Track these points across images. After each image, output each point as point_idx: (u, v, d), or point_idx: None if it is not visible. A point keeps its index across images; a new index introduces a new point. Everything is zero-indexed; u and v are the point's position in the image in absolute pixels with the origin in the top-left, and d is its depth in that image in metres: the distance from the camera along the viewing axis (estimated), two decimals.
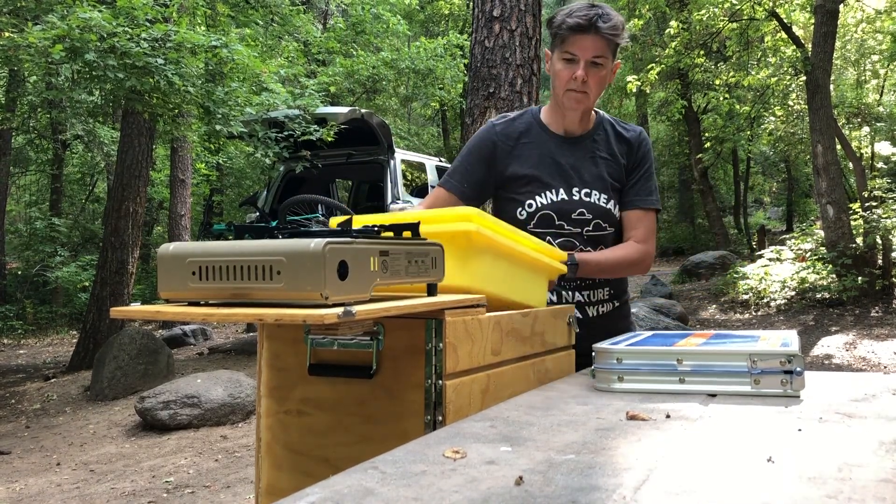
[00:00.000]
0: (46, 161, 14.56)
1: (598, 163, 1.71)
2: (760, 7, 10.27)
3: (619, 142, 1.74)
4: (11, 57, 5.18)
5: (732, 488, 0.61)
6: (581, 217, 1.68)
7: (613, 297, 1.78)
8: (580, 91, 1.63)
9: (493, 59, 3.88)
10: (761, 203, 26.09)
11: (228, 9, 9.21)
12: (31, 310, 12.42)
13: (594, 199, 1.69)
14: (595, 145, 1.73)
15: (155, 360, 6.44)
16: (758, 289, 9.49)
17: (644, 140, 1.76)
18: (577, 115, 1.70)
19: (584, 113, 1.70)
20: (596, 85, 1.64)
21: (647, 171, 1.75)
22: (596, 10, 1.59)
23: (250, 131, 6.89)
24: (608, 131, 1.75)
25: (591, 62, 1.61)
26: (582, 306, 1.74)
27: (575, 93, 1.64)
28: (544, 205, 1.69)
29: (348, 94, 13.59)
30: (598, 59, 1.61)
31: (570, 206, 1.68)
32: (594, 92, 1.65)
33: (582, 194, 1.69)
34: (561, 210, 1.68)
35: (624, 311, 1.82)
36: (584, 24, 1.58)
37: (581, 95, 1.64)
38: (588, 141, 1.73)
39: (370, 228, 1.05)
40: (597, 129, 1.75)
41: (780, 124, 13.95)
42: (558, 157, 1.71)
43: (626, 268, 1.71)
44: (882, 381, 1.14)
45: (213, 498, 3.63)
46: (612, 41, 1.60)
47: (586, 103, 1.66)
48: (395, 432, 1.05)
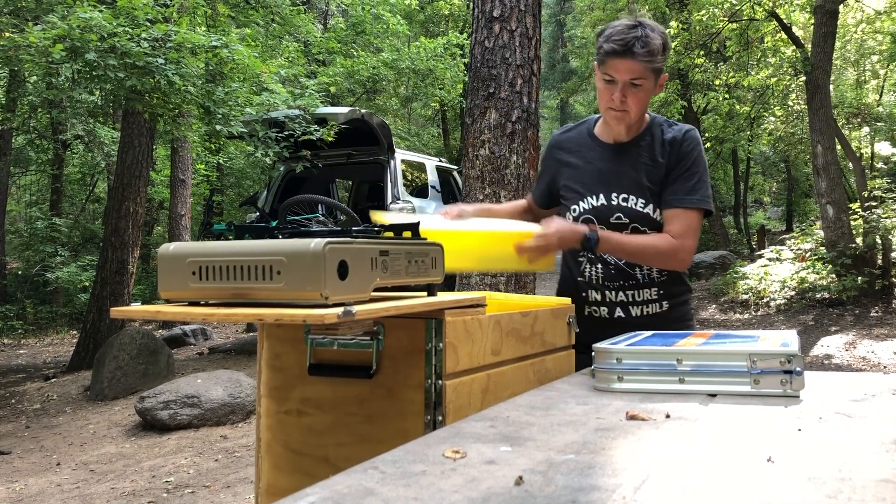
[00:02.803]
0: (47, 161, 14.55)
1: (639, 168, 1.75)
2: (760, 7, 10.27)
3: (662, 145, 1.75)
4: (12, 57, 5.18)
5: (732, 488, 0.61)
6: (619, 221, 1.74)
7: (663, 298, 1.78)
8: (620, 110, 1.68)
9: (493, 60, 3.88)
10: (761, 203, 26.08)
11: (228, 9, 9.21)
12: (32, 310, 12.42)
13: (631, 203, 1.74)
14: (639, 151, 1.76)
15: (155, 360, 6.43)
16: (757, 289, 9.49)
17: (688, 138, 1.74)
18: (623, 128, 1.76)
19: (628, 126, 1.75)
20: (636, 104, 1.67)
21: (690, 169, 1.72)
22: (634, 34, 1.61)
23: (250, 131, 6.88)
24: (654, 135, 1.77)
25: (630, 83, 1.64)
26: (625, 306, 1.77)
27: (615, 111, 1.69)
28: (585, 209, 1.77)
29: (348, 95, 13.59)
30: (636, 80, 1.64)
31: (609, 210, 1.75)
32: (635, 110, 1.68)
33: (620, 199, 1.75)
34: (600, 214, 1.76)
35: (677, 314, 1.80)
36: (620, 50, 1.61)
37: (621, 114, 1.69)
38: (633, 148, 1.77)
39: (370, 228, 1.05)
40: (644, 135, 1.77)
41: (780, 124, 13.96)
42: (601, 164, 1.78)
43: (654, 256, 1.71)
44: (882, 381, 1.14)
45: (213, 498, 3.63)
46: (649, 65, 1.62)
47: (627, 120, 1.71)
48: (395, 432, 1.05)
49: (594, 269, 1.81)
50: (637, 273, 1.78)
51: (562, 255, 1.91)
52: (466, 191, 4.00)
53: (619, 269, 1.78)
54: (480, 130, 3.90)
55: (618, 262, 1.78)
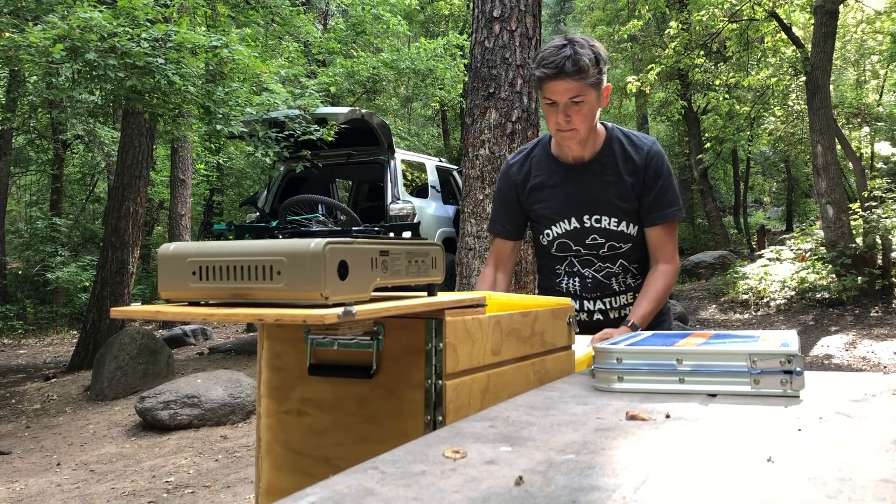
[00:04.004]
0: (47, 161, 14.56)
1: (606, 187, 1.79)
2: (760, 7, 10.27)
3: (626, 161, 1.78)
4: (12, 57, 5.18)
5: (732, 488, 0.61)
6: (594, 241, 1.82)
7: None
8: (567, 130, 1.70)
9: (493, 60, 3.88)
10: (761, 203, 26.08)
11: (229, 9, 9.21)
12: (32, 310, 12.42)
13: (604, 223, 1.80)
14: (602, 169, 1.79)
15: (155, 360, 6.43)
16: (757, 289, 9.49)
17: (653, 158, 1.79)
18: (576, 147, 1.77)
19: (581, 142, 1.76)
20: (582, 121, 1.69)
21: (663, 185, 1.79)
22: (564, 53, 1.63)
23: (251, 131, 6.88)
24: (616, 152, 1.79)
25: (571, 102, 1.66)
26: (605, 312, 1.87)
27: (563, 132, 1.71)
28: (559, 234, 1.84)
29: (348, 95, 13.60)
30: (575, 98, 1.66)
31: (583, 233, 1.82)
32: (583, 127, 1.71)
33: (593, 221, 1.80)
34: (575, 237, 1.82)
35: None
36: (552, 73, 1.63)
37: (570, 133, 1.71)
38: (595, 165, 1.80)
39: (370, 228, 1.05)
40: (605, 151, 1.80)
41: (780, 124, 13.96)
42: (569, 187, 1.81)
43: (668, 291, 1.82)
44: (882, 381, 1.14)
45: (213, 498, 3.63)
46: (584, 81, 1.64)
47: (577, 138, 1.73)
48: (395, 432, 1.05)
49: (571, 281, 1.87)
50: (613, 283, 1.86)
51: (537, 266, 1.99)
52: (466, 191, 4.00)
53: (596, 282, 1.85)
54: (480, 130, 3.90)
55: (595, 276, 1.84)
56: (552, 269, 1.90)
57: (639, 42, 13.20)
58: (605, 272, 1.85)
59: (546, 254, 1.90)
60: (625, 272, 1.86)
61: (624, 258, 1.84)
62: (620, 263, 1.84)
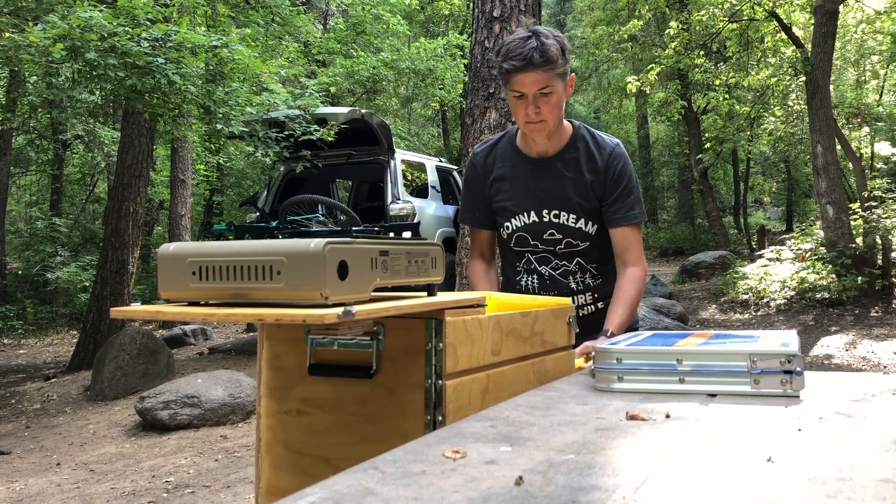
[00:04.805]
0: (47, 161, 14.55)
1: (565, 184, 1.80)
2: (760, 7, 10.27)
3: (589, 160, 1.80)
4: (12, 57, 5.18)
5: (732, 488, 0.61)
6: (552, 237, 1.83)
7: (598, 300, 1.90)
8: (537, 122, 1.71)
9: (493, 60, 3.88)
10: (761, 203, 26.09)
11: (228, 9, 9.21)
12: (32, 310, 12.42)
13: (563, 220, 1.81)
14: (565, 165, 1.81)
15: (155, 360, 6.43)
16: (757, 289, 9.49)
17: (615, 159, 1.80)
18: (544, 139, 1.78)
19: (549, 135, 1.77)
20: (550, 112, 1.70)
21: (626, 187, 1.80)
22: (531, 45, 1.63)
23: (251, 131, 6.88)
24: (580, 150, 1.81)
25: (540, 94, 1.67)
26: None
27: (532, 124, 1.72)
28: (518, 227, 1.84)
29: (348, 95, 13.60)
30: (544, 90, 1.67)
31: (541, 227, 1.82)
32: (551, 117, 1.72)
33: (551, 216, 1.81)
34: (533, 231, 1.83)
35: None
36: (520, 65, 1.63)
37: (539, 125, 1.72)
38: (558, 161, 1.81)
39: (370, 228, 1.05)
40: (569, 148, 1.81)
41: (780, 124, 13.96)
42: (530, 181, 1.83)
43: (640, 296, 1.83)
44: (882, 381, 1.14)
45: (213, 498, 3.63)
46: (552, 72, 1.65)
47: (547, 129, 1.74)
48: (395, 432, 1.05)
49: (530, 279, 1.89)
50: (571, 282, 1.86)
51: (501, 264, 2.00)
52: None
53: (553, 280, 1.86)
54: (480, 130, 3.90)
55: (552, 274, 1.85)
56: (513, 265, 1.91)
57: (639, 42, 13.20)
58: (562, 270, 1.85)
59: (507, 248, 1.92)
60: (582, 271, 1.86)
61: (581, 257, 1.84)
62: (577, 262, 1.84)
